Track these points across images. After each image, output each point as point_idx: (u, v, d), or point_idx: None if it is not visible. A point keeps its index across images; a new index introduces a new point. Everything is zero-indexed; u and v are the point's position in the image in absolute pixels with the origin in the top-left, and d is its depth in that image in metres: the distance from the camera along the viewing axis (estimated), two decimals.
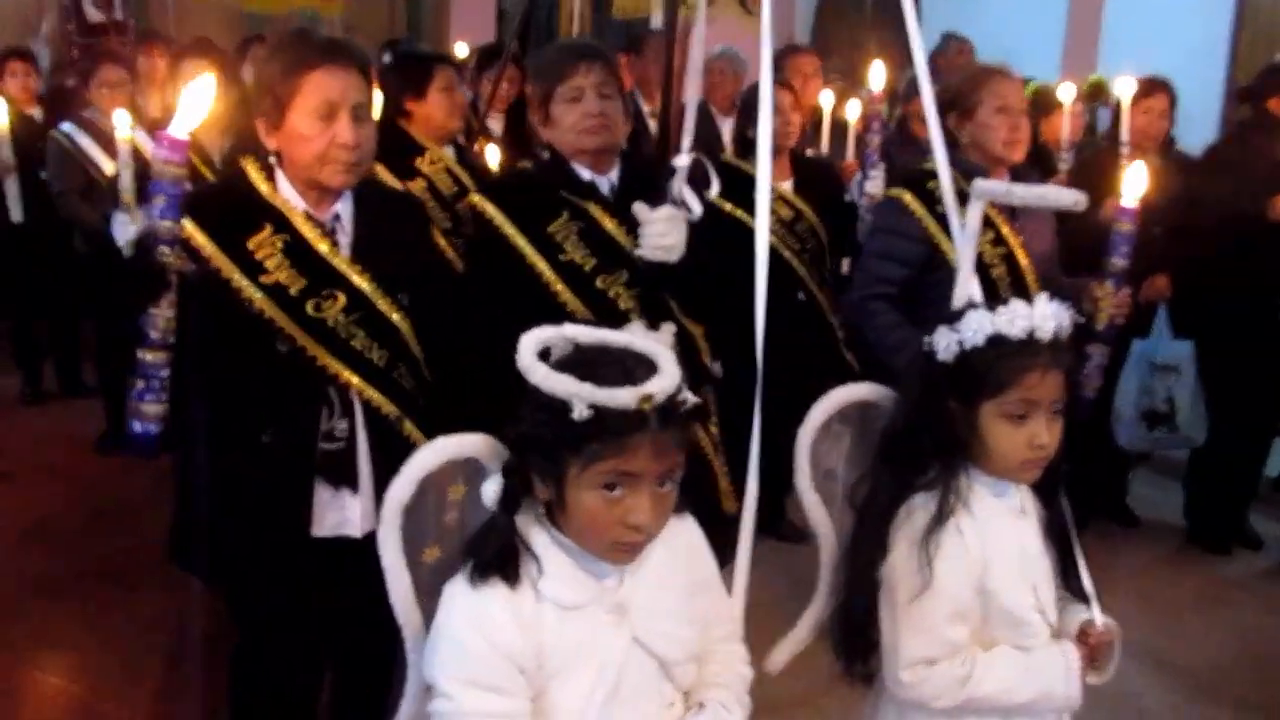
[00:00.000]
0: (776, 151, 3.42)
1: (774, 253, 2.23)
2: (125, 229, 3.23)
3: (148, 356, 1.81)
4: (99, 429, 4.72)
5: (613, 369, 1.26)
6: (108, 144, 4.31)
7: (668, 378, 1.26)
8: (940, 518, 1.60)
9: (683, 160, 2.18)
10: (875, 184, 3.56)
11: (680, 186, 2.21)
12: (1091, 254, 2.72)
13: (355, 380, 2.02)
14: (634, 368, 1.27)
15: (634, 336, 1.33)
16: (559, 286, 2.29)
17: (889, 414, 1.72)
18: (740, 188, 2.51)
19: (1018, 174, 2.87)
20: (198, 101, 1.78)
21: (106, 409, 4.67)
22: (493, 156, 3.74)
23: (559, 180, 2.37)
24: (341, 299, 2.01)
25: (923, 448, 1.64)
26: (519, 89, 4.38)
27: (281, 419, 1.99)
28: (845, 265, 3.89)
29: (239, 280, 1.95)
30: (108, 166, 4.30)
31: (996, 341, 1.59)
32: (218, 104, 1.92)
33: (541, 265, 2.30)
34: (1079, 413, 2.87)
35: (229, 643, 2.25)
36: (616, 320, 2.27)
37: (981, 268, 2.75)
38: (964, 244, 1.86)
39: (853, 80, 4.99)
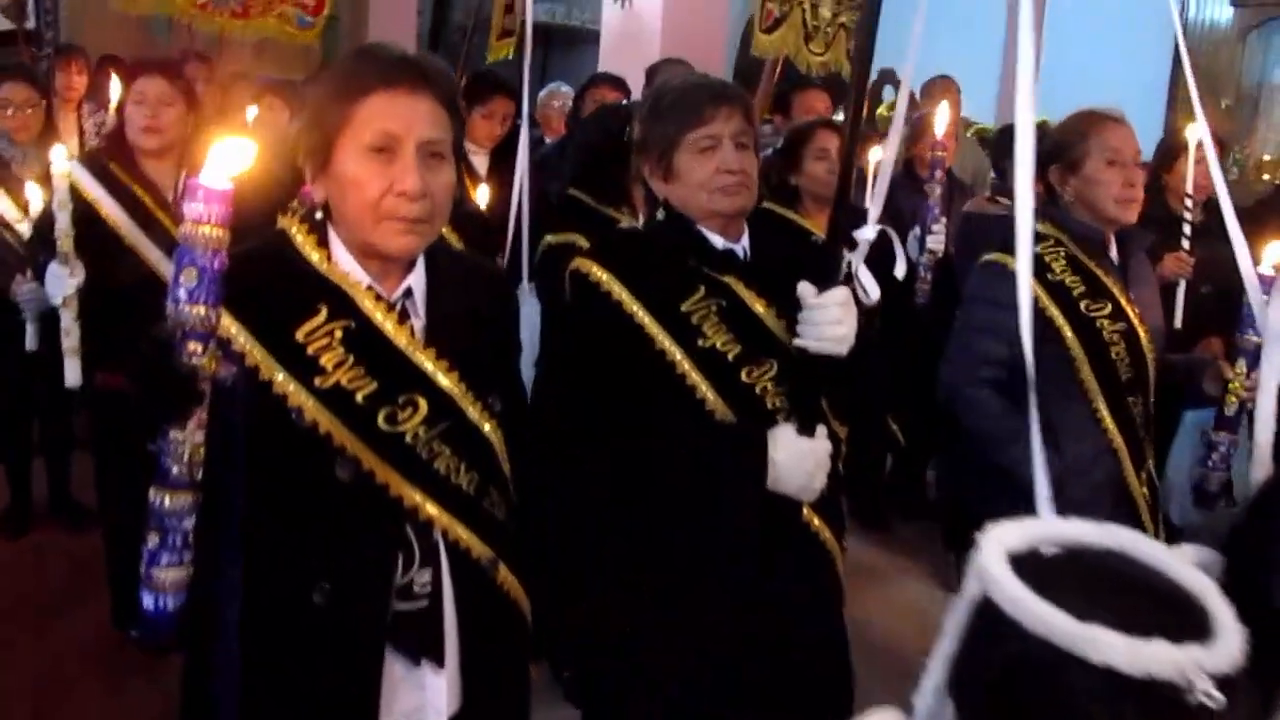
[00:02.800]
0: (820, 201, 3.03)
1: None
2: (61, 283, 2.68)
3: (166, 500, 1.28)
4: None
5: (1141, 610, 0.76)
6: (9, 180, 3.66)
7: (1229, 645, 0.74)
8: None
9: (868, 233, 1.75)
10: (938, 239, 3.19)
11: (859, 264, 1.78)
12: None
13: (440, 514, 1.53)
14: (1171, 614, 0.76)
15: (1168, 557, 0.83)
16: (696, 378, 1.86)
17: None
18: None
19: (1124, 236, 2.51)
20: (241, 140, 1.28)
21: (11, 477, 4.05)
22: (482, 198, 3.31)
23: (687, 247, 1.93)
24: (423, 406, 1.52)
25: None
26: (503, 121, 3.91)
27: (342, 571, 1.48)
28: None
29: (285, 383, 1.45)
30: (6, 209, 3.64)
31: None
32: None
33: (676, 352, 1.86)
34: (1204, 505, 2.55)
35: None
36: (761, 420, 1.86)
37: (1097, 345, 2.40)
38: (1273, 344, 1.44)
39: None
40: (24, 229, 3.48)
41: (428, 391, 1.53)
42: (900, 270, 1.93)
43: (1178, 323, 3.59)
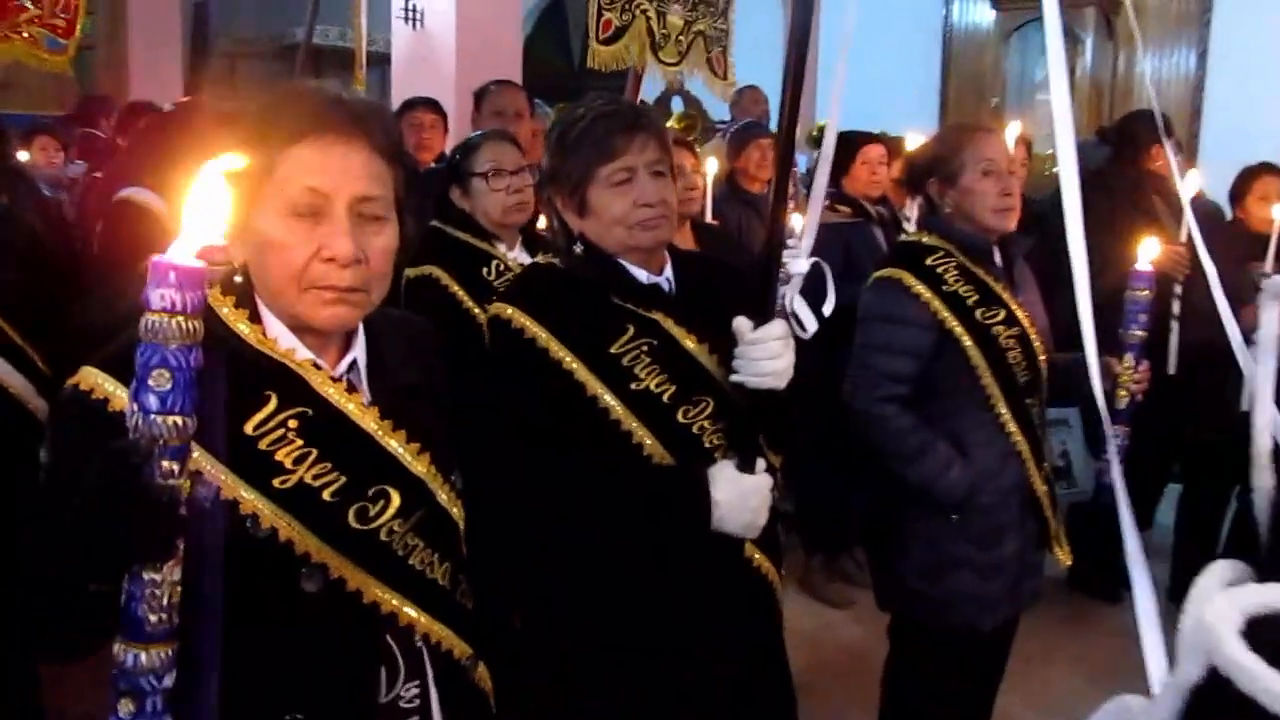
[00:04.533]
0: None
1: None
2: None
3: (142, 658, 1.06)
4: None
5: None
6: None
7: None
8: None
9: (801, 265, 1.69)
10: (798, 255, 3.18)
11: (794, 296, 1.72)
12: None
13: (420, 616, 1.35)
14: None
15: None
16: (632, 423, 1.76)
17: None
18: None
19: (1004, 242, 2.57)
20: (213, 203, 1.08)
21: None
22: None
23: (610, 284, 1.82)
24: (395, 498, 1.33)
25: None
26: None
27: (320, 697, 1.27)
28: None
29: (234, 487, 1.23)
30: None
31: None
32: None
33: (609, 398, 1.75)
34: (1100, 499, 2.63)
35: None
36: (700, 460, 1.78)
37: (995, 352, 2.44)
38: (1265, 357, 1.46)
39: None
40: None
41: (399, 480, 1.35)
42: (829, 307, 1.90)
43: (1171, 368, 3.77)
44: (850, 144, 3.99)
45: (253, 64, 9.38)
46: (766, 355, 1.71)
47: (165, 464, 1.03)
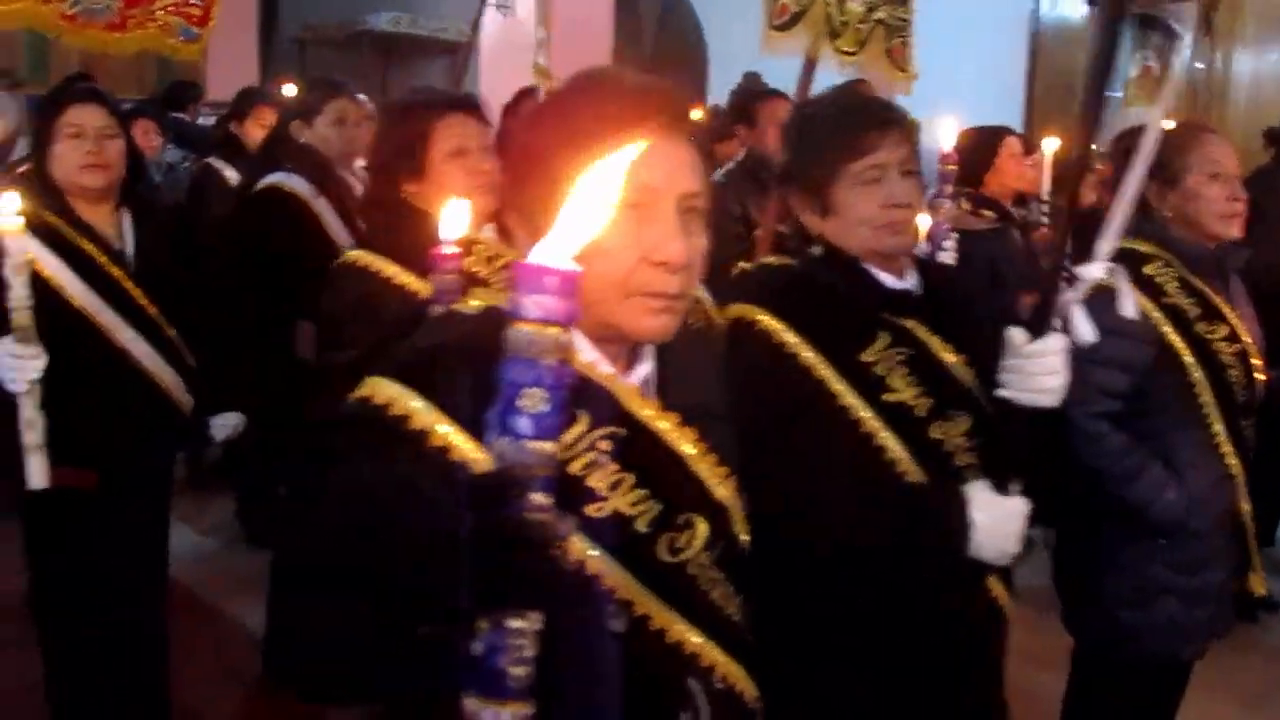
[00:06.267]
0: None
1: None
2: (22, 366, 2.17)
3: (504, 717, 0.92)
4: None
5: None
6: None
7: None
8: None
9: (1095, 271, 1.56)
10: (948, 256, 3.02)
11: (1078, 307, 1.59)
12: None
13: (719, 656, 1.24)
14: None
15: None
16: (884, 436, 1.65)
17: None
18: None
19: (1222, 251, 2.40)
20: (592, 202, 0.93)
21: None
22: None
23: (855, 288, 1.71)
24: (702, 529, 1.22)
25: None
26: None
27: None
28: None
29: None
30: None
31: None
32: None
33: (860, 409, 1.65)
34: None
35: None
36: (949, 479, 1.67)
37: (1214, 369, 2.28)
38: None
39: None
40: None
41: (706, 507, 1.24)
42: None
43: None
44: (988, 139, 3.83)
45: (321, 51, 9.29)
46: (1045, 370, 1.60)
47: (535, 497, 0.89)
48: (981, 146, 3.87)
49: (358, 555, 1.06)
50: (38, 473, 2.22)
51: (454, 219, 1.68)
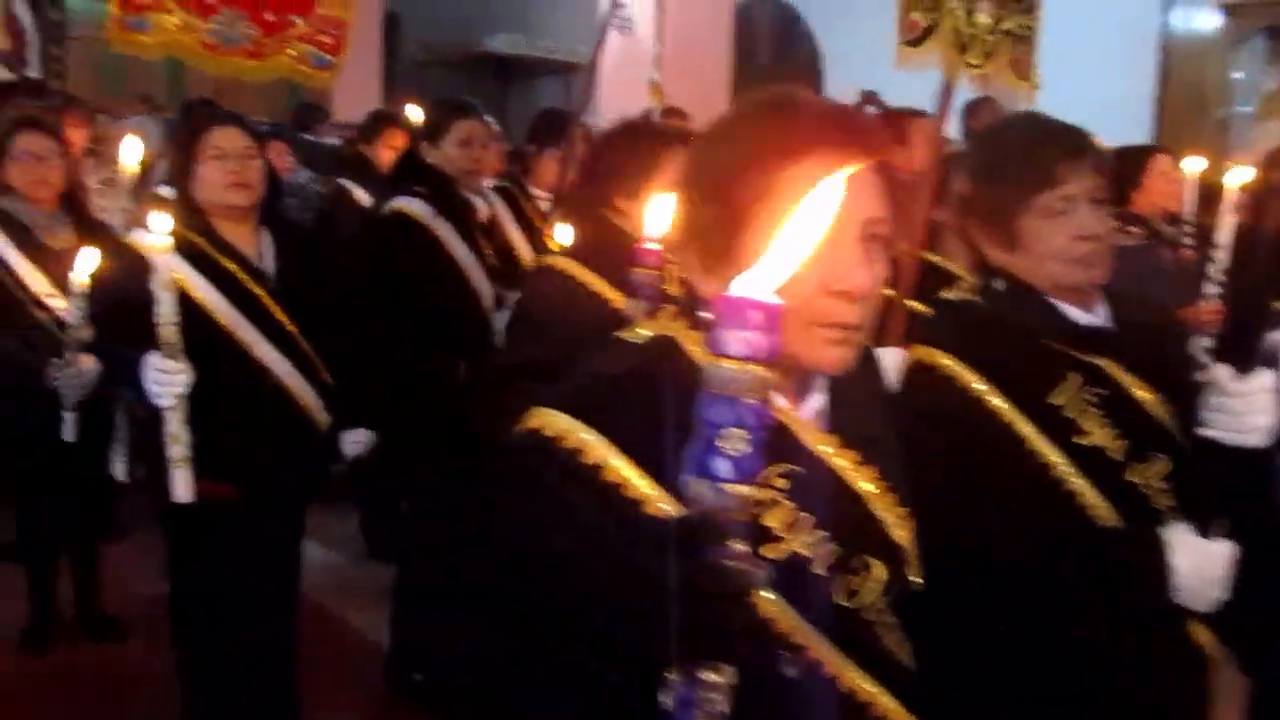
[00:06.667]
0: None
1: None
2: (169, 381, 2.23)
3: None
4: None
5: None
6: (33, 249, 3.18)
7: None
8: None
9: None
10: None
11: None
12: None
13: (891, 704, 1.18)
14: None
15: None
16: (1077, 481, 1.57)
17: None
18: None
19: None
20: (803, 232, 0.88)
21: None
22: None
23: (1044, 326, 1.63)
24: (878, 571, 1.18)
25: None
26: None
27: None
28: None
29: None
30: (36, 283, 3.15)
31: None
32: None
33: (1051, 453, 1.57)
34: None
35: None
36: (1148, 522, 1.59)
37: None
38: None
39: None
40: (59, 305, 3.02)
41: (885, 550, 1.19)
42: None
43: None
44: (1138, 156, 3.68)
45: (439, 72, 9.45)
46: (1253, 409, 1.53)
47: (734, 545, 0.85)
48: (1130, 164, 3.73)
49: (517, 583, 1.05)
50: (182, 486, 2.27)
51: (659, 215, 1.65)
